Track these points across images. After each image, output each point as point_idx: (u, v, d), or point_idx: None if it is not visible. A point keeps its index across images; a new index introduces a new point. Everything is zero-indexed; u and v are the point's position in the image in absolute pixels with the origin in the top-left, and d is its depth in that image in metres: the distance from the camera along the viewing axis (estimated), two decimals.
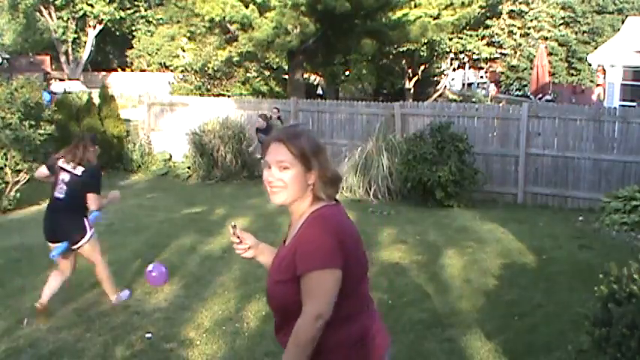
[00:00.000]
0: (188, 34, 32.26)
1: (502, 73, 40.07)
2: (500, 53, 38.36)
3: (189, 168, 16.78)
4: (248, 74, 30.82)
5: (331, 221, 2.74)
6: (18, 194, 12.85)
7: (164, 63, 49.13)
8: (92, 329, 6.39)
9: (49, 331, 6.36)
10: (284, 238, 2.86)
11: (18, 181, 12.88)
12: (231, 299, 7.21)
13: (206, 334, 6.24)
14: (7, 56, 47.08)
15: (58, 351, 5.90)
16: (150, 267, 7.69)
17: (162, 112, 18.38)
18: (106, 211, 7.63)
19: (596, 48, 31.79)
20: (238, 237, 3.10)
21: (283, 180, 2.77)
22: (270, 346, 5.72)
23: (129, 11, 51.22)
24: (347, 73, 29.25)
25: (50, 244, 6.81)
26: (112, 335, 6.23)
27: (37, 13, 51.47)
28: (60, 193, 6.75)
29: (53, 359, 5.75)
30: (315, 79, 34.93)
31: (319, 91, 34.59)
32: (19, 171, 12.91)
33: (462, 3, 27.67)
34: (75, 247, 6.80)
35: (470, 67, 42.39)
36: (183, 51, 41.17)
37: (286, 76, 29.22)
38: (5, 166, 12.77)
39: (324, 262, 2.63)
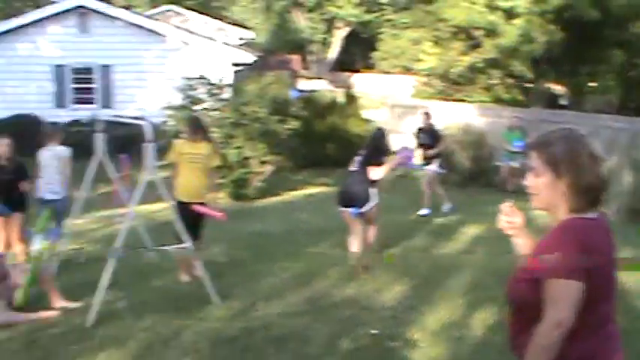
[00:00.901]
0: (432, 39, 32.33)
1: None
2: None
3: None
4: (490, 81, 30.35)
5: (578, 233, 2.66)
6: (262, 184, 13.50)
7: (407, 66, 49.47)
8: (320, 319, 6.58)
9: (279, 316, 6.65)
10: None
11: (263, 172, 13.53)
12: (458, 305, 7.14)
13: (431, 337, 6.22)
14: (260, 54, 49.59)
15: (287, 335, 6.14)
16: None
17: (404, 115, 18.54)
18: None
19: None
20: (510, 214, 3.06)
21: (535, 186, 2.77)
22: (494, 356, 5.61)
23: (375, 14, 52.12)
24: (592, 84, 27.98)
25: (342, 209, 8.36)
26: (339, 327, 6.37)
27: (289, 14, 53.91)
28: (353, 167, 8.43)
29: (282, 343, 5.99)
30: (558, 89, 33.73)
31: (562, 101, 33.35)
32: (265, 162, 13.56)
33: None
34: (362, 210, 8.15)
35: None
36: (427, 55, 41.19)
37: (528, 85, 28.47)
38: (253, 157, 13.46)
39: (568, 273, 2.57)
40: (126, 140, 11.86)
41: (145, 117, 14.46)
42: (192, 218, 7.57)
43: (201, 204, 7.65)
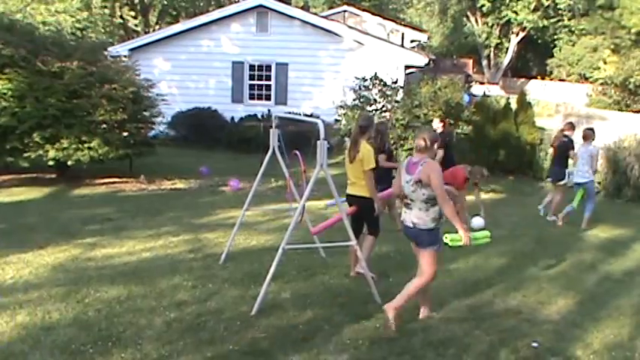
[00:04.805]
0: (612, 47, 31.18)
1: None
2: None
3: (599, 183, 16.28)
4: None
5: None
6: None
7: (584, 74, 48.02)
8: (481, 327, 6.53)
9: (440, 321, 6.65)
10: None
11: None
12: (625, 325, 6.88)
13: (593, 356, 6.03)
14: (433, 57, 49.59)
15: (446, 341, 6.13)
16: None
17: (578, 124, 18.02)
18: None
19: None
20: None
21: None
22: None
23: (552, 20, 50.75)
24: None
25: None
26: (499, 337, 6.30)
27: (464, 18, 53.57)
28: None
29: (441, 348, 5.98)
30: None
31: None
32: None
33: None
34: None
35: None
36: (605, 63, 39.72)
37: None
38: None
39: None
40: (298, 137, 12.20)
41: (319, 115, 14.90)
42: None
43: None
